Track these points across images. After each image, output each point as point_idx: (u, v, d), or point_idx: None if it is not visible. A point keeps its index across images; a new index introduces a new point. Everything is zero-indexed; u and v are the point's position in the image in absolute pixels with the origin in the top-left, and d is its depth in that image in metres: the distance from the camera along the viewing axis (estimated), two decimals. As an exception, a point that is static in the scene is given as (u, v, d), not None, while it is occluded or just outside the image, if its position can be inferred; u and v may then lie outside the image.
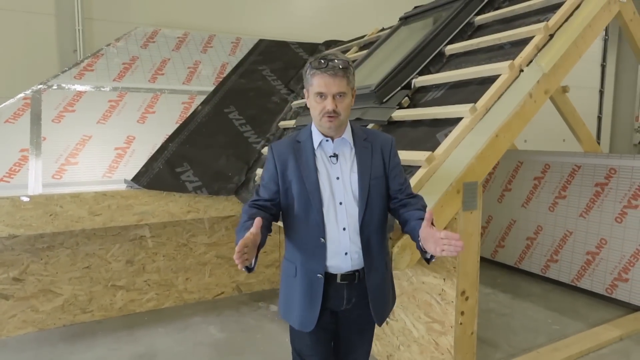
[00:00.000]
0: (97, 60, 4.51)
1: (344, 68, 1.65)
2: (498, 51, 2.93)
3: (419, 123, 2.82)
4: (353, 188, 1.72)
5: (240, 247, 1.43)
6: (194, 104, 4.44)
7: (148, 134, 3.95)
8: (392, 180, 1.81)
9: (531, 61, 2.65)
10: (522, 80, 2.60)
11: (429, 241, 1.54)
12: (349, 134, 1.78)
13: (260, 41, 5.62)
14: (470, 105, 2.47)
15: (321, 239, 1.70)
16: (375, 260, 1.78)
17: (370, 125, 3.07)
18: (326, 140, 1.75)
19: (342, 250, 1.72)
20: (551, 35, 2.74)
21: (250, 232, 1.49)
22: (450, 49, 3.27)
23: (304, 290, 1.74)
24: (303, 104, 4.38)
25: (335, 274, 1.74)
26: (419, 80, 3.15)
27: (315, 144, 1.76)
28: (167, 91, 4.48)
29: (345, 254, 1.72)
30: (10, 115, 3.66)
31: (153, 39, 5.06)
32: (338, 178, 1.73)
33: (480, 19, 3.40)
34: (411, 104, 3.07)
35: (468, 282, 2.51)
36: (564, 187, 4.47)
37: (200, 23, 5.88)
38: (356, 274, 1.75)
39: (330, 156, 1.75)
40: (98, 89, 4.22)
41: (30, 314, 3.52)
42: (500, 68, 2.61)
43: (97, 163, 3.57)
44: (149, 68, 4.67)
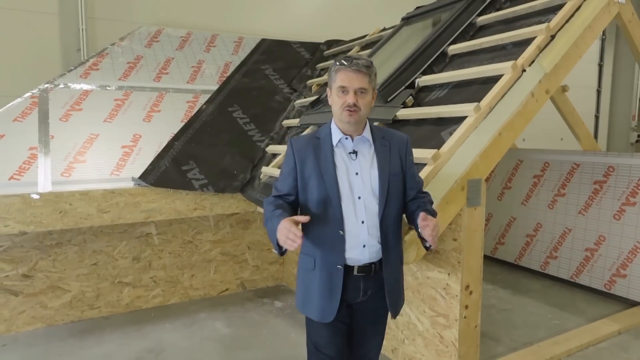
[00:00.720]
0: (102, 60, 4.55)
1: (367, 67, 1.74)
2: (500, 51, 2.99)
3: (423, 122, 2.88)
4: (373, 183, 1.79)
5: (293, 226, 1.60)
6: (199, 103, 4.49)
7: (154, 133, 4.00)
8: (409, 177, 1.89)
9: (533, 61, 2.72)
10: (525, 80, 2.67)
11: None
12: (368, 132, 1.85)
13: (263, 40, 5.68)
14: (475, 104, 2.53)
15: (340, 232, 1.77)
16: (392, 253, 1.85)
17: (375, 123, 3.12)
18: (345, 138, 1.82)
19: (361, 242, 1.79)
20: (552, 36, 2.80)
21: (292, 218, 1.66)
22: (453, 49, 3.33)
23: (324, 282, 1.80)
24: (306, 103, 4.43)
25: (352, 266, 1.80)
26: (423, 80, 3.21)
27: (335, 141, 1.82)
28: (172, 90, 4.53)
29: (364, 246, 1.79)
30: (19, 113, 3.70)
31: (157, 39, 5.11)
32: (357, 173, 1.80)
33: (482, 20, 3.46)
34: (415, 103, 3.13)
35: (472, 277, 2.57)
36: (563, 185, 4.54)
37: (202, 22, 5.92)
38: (372, 266, 1.82)
39: (349, 152, 1.82)
40: (104, 88, 4.26)
41: (39, 309, 3.57)
42: (503, 68, 2.67)
43: (105, 161, 3.62)
44: (154, 67, 4.72)
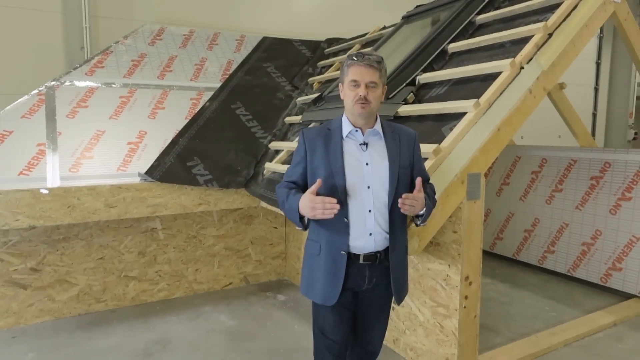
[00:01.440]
0: (107, 57, 4.61)
1: (378, 62, 1.84)
2: (499, 49, 3.07)
3: (424, 118, 2.95)
4: (382, 174, 1.87)
5: (324, 197, 1.72)
6: (202, 100, 4.55)
7: (159, 129, 4.07)
8: (417, 170, 1.98)
9: (531, 59, 2.79)
10: (523, 77, 2.74)
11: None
12: (379, 125, 1.94)
13: (264, 39, 5.74)
14: (474, 100, 2.60)
15: (345, 219, 1.84)
16: (398, 241, 1.93)
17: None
18: (355, 130, 1.90)
19: (367, 230, 1.86)
20: (550, 34, 2.88)
21: (311, 190, 1.76)
22: (453, 47, 3.41)
23: (328, 266, 1.88)
24: (307, 100, 4.49)
25: (358, 254, 1.88)
26: (423, 77, 3.28)
27: (345, 133, 1.90)
28: (176, 87, 4.60)
29: (370, 234, 1.86)
30: (27, 110, 3.77)
31: (160, 37, 5.16)
32: (367, 164, 1.87)
33: (481, 18, 3.54)
34: (416, 99, 3.20)
35: (471, 268, 2.65)
36: (561, 181, 4.63)
37: (204, 20, 5.98)
38: (378, 255, 1.90)
39: (360, 144, 1.90)
40: (109, 85, 4.32)
41: (47, 303, 3.64)
42: (502, 65, 2.75)
43: (112, 157, 3.69)
44: (157, 65, 4.78)
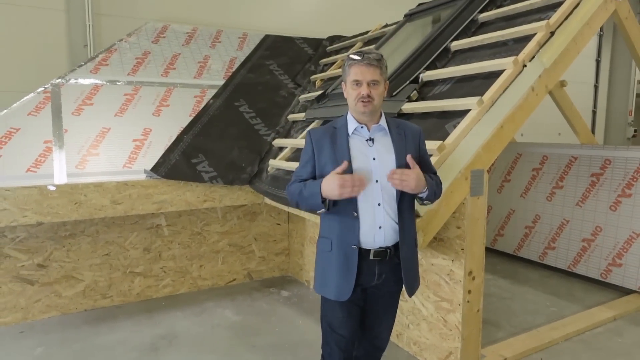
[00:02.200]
0: (111, 55, 4.64)
1: (378, 60, 1.87)
2: (502, 47, 3.10)
3: (428, 115, 2.99)
4: (390, 167, 1.89)
5: (347, 176, 1.78)
6: (206, 98, 4.59)
7: (164, 127, 4.10)
8: (423, 165, 2.01)
9: (533, 57, 2.83)
10: (525, 75, 2.78)
11: None
12: (384, 121, 1.98)
13: (267, 36, 5.77)
14: (478, 98, 2.64)
15: (354, 213, 1.88)
16: (407, 234, 1.97)
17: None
18: (361, 127, 1.94)
19: (377, 224, 1.90)
20: (552, 33, 2.91)
21: (337, 171, 1.81)
22: (456, 45, 3.44)
23: (340, 261, 1.91)
24: (310, 98, 4.53)
25: (369, 250, 1.91)
26: (427, 75, 3.31)
27: (350, 130, 1.94)
28: (180, 85, 4.63)
29: (380, 227, 1.90)
30: (33, 108, 3.80)
31: (163, 34, 5.19)
32: (374, 159, 1.91)
33: (483, 17, 3.57)
34: (419, 97, 3.24)
35: (475, 263, 2.69)
36: (561, 178, 4.67)
37: (207, 18, 6.00)
38: (388, 251, 1.93)
39: (366, 140, 1.94)
40: (113, 83, 4.35)
41: (54, 298, 3.68)
42: (504, 63, 2.78)
43: (117, 154, 3.72)
44: (161, 63, 4.81)
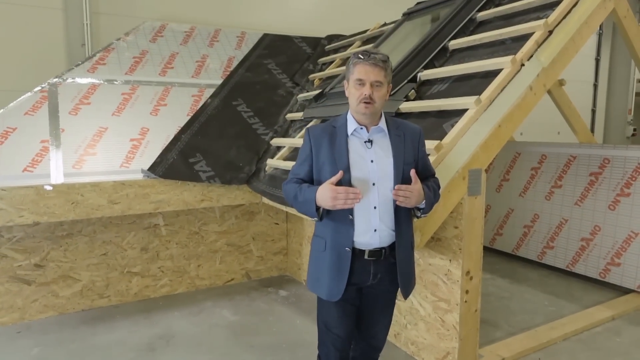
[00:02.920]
0: (109, 54, 4.63)
1: (384, 61, 1.84)
2: (500, 46, 3.09)
3: (425, 114, 2.98)
4: (387, 170, 1.88)
5: (340, 188, 1.76)
6: (204, 97, 4.57)
7: (161, 126, 4.09)
8: (422, 166, 2.00)
9: (531, 56, 2.81)
10: (523, 74, 2.77)
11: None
12: (383, 123, 1.96)
13: (265, 35, 5.75)
14: (475, 97, 2.63)
15: (349, 216, 1.87)
16: (404, 237, 1.95)
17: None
18: (360, 128, 1.92)
19: (372, 227, 1.89)
20: (550, 32, 2.90)
21: (331, 181, 1.80)
22: (454, 44, 3.43)
23: (333, 262, 1.90)
24: (309, 97, 4.52)
25: (363, 250, 1.90)
26: (425, 74, 3.30)
27: (350, 130, 1.92)
28: (177, 84, 4.61)
29: (375, 230, 1.89)
30: (30, 107, 3.78)
31: (161, 33, 5.18)
32: (372, 161, 1.89)
33: (481, 16, 3.55)
34: (417, 96, 3.23)
35: (472, 263, 2.68)
36: (560, 177, 4.66)
37: (205, 17, 5.99)
38: (383, 251, 1.92)
39: (365, 141, 1.92)
40: (111, 82, 4.34)
41: (51, 298, 3.67)
42: (502, 62, 2.77)
43: (114, 154, 3.71)
44: (159, 62, 4.79)
